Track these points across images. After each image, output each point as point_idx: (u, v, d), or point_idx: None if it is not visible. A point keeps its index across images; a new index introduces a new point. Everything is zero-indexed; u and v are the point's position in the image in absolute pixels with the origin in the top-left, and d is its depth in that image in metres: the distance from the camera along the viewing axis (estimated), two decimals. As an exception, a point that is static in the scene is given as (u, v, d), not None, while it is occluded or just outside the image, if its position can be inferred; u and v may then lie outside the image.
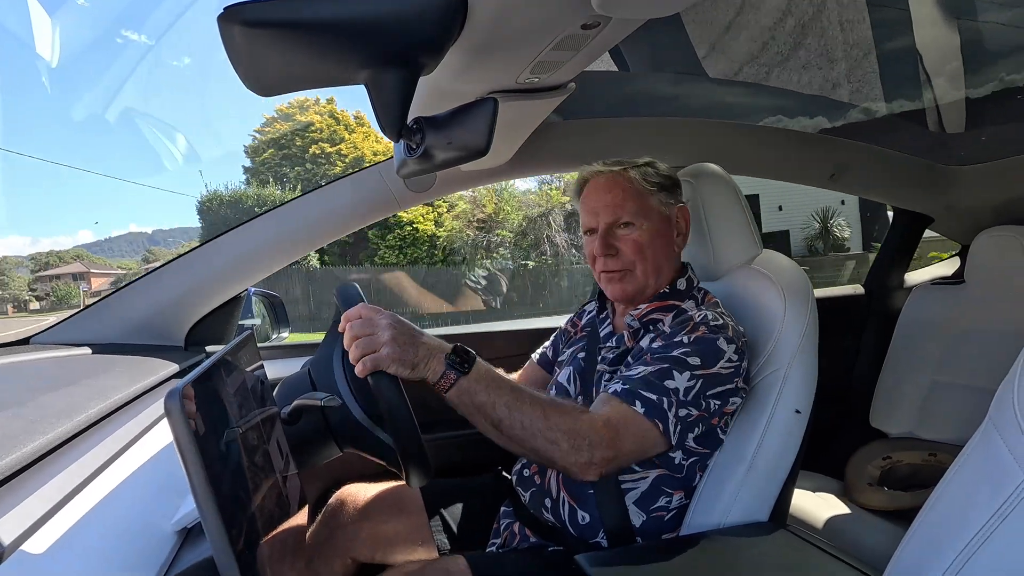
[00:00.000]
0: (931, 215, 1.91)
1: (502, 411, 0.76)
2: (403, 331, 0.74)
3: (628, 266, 0.97)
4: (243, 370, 0.71)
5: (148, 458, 0.82)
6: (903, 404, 1.76)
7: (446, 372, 0.75)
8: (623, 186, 0.97)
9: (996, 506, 0.49)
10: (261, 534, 0.59)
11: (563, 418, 0.78)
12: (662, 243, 0.98)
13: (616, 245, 0.97)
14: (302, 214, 1.30)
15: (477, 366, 0.77)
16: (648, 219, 0.97)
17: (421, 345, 0.74)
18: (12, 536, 0.51)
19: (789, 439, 0.93)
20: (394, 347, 0.72)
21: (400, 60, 0.62)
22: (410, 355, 0.73)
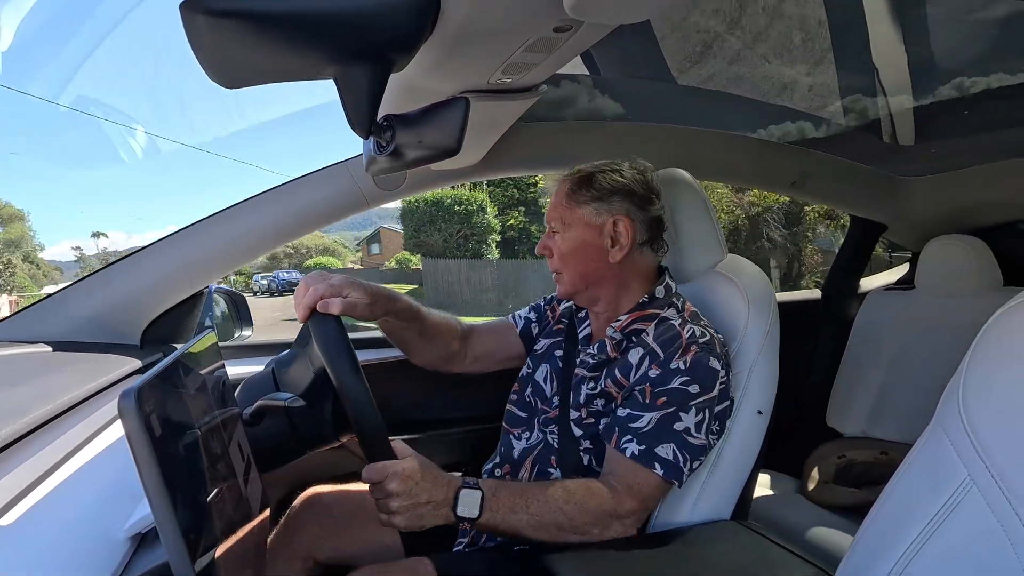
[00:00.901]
0: (885, 223, 1.99)
1: (527, 531, 0.82)
2: (407, 496, 0.78)
3: (557, 268, 1.03)
4: (203, 369, 0.69)
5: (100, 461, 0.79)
6: (857, 405, 1.82)
7: (459, 522, 0.81)
8: (559, 195, 1.02)
9: (942, 501, 0.52)
10: (220, 539, 0.57)
11: (584, 511, 0.83)
12: (589, 253, 0.98)
13: (550, 247, 1.03)
14: (267, 210, 1.27)
15: (486, 505, 0.81)
16: (572, 228, 1.00)
17: (426, 505, 0.79)
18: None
19: (751, 439, 0.96)
20: (401, 518, 0.78)
21: (370, 56, 0.61)
22: (416, 520, 0.79)
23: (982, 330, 0.54)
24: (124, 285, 1.22)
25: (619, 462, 0.87)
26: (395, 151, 0.72)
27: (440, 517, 0.80)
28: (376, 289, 0.94)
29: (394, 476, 0.78)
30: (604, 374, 0.95)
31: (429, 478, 0.80)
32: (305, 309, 0.84)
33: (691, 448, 0.86)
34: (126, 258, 1.23)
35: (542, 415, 1.04)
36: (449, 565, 0.85)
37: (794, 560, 0.78)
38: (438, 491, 0.80)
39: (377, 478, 0.78)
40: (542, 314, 1.18)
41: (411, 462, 0.80)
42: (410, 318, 1.04)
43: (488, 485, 0.83)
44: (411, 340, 1.09)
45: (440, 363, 1.15)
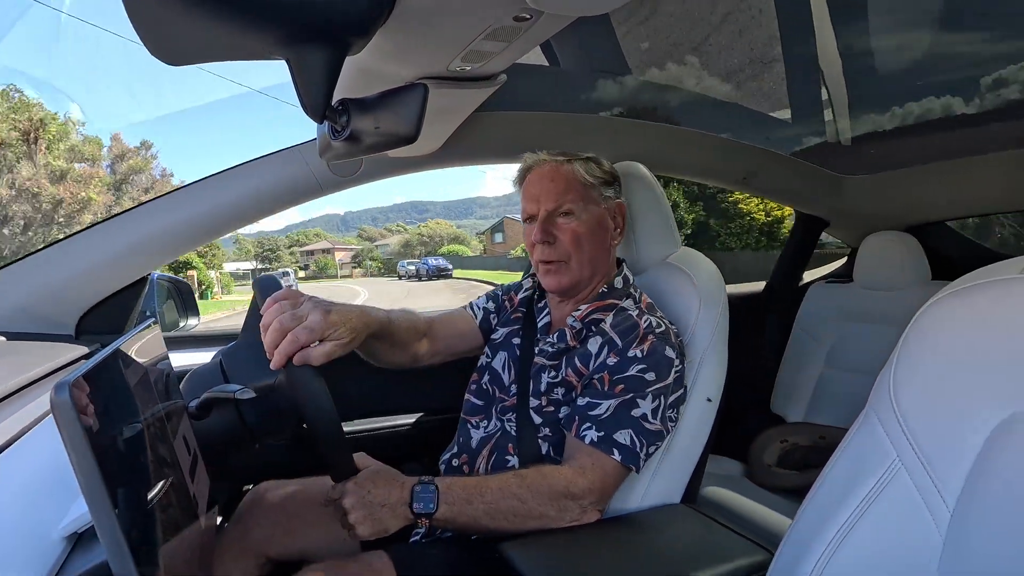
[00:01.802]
0: (827, 219, 2.09)
1: (485, 521, 0.82)
2: (361, 506, 0.79)
3: (564, 257, 0.98)
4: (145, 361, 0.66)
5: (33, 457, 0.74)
6: (799, 391, 1.92)
7: (416, 520, 0.81)
8: (567, 176, 0.99)
9: (874, 481, 0.55)
10: (164, 537, 0.55)
11: (537, 493, 0.84)
12: (599, 237, 1.00)
13: (555, 233, 0.98)
14: (215, 195, 1.21)
15: (441, 499, 0.81)
16: (588, 211, 0.99)
17: (381, 509, 0.79)
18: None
19: (701, 426, 0.99)
20: (363, 528, 0.78)
21: (324, 38, 0.59)
22: (379, 525, 0.79)
23: (911, 322, 0.58)
24: (56, 272, 1.14)
25: (578, 448, 0.89)
26: (350, 137, 0.70)
27: (400, 517, 0.80)
28: (353, 320, 0.84)
29: (349, 491, 0.79)
30: (564, 363, 0.97)
31: (381, 482, 0.81)
32: (281, 357, 0.75)
33: (648, 434, 0.88)
34: (59, 242, 1.16)
35: (500, 403, 1.04)
36: (406, 556, 0.85)
37: (740, 541, 0.82)
38: (392, 493, 0.80)
39: (334, 497, 0.81)
40: (500, 303, 1.18)
41: (364, 470, 0.82)
42: (383, 336, 0.97)
43: (442, 479, 0.83)
44: (380, 352, 1.02)
45: (404, 365, 1.09)
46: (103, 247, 1.16)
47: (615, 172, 1.06)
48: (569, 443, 0.91)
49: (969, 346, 0.53)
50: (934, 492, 0.52)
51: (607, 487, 0.88)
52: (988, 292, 0.53)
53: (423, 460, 1.22)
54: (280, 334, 0.75)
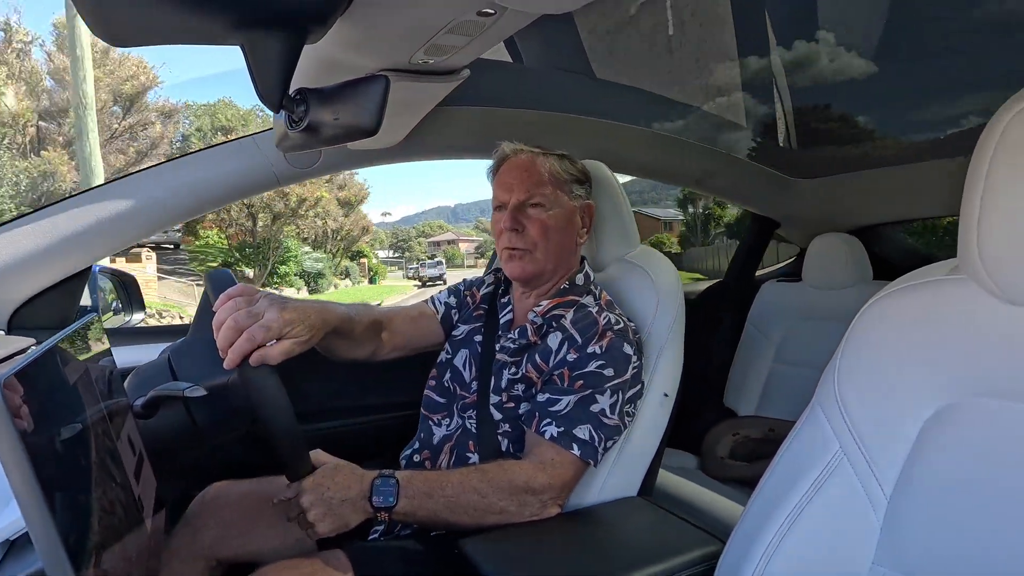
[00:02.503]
0: (778, 220, 2.17)
1: (445, 515, 0.82)
2: (320, 502, 0.78)
3: (530, 246, 0.99)
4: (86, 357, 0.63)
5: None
6: (750, 386, 1.99)
7: (376, 514, 0.80)
8: (542, 168, 1.00)
9: (817, 472, 0.58)
10: (105, 542, 0.52)
11: (498, 487, 0.84)
12: (566, 232, 1.02)
13: (523, 222, 0.99)
14: (164, 184, 1.16)
15: (401, 492, 0.80)
16: (558, 205, 1.00)
17: (341, 504, 0.78)
18: None
19: (657, 421, 1.01)
20: (323, 525, 0.77)
21: (282, 24, 0.57)
22: (339, 520, 0.78)
23: (853, 320, 0.61)
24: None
25: (538, 443, 0.89)
26: (309, 127, 0.68)
27: (360, 512, 0.79)
28: (311, 317, 0.81)
29: (303, 491, 0.78)
30: (525, 359, 0.97)
31: (340, 477, 0.80)
32: (236, 356, 0.72)
33: (606, 428, 0.89)
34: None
35: (460, 400, 1.04)
36: (363, 555, 0.84)
37: (694, 532, 0.84)
38: (352, 487, 0.79)
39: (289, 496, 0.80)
40: (462, 299, 1.17)
41: (321, 468, 0.81)
42: (343, 332, 0.95)
43: (402, 473, 0.83)
44: (340, 348, 1.00)
45: (362, 359, 1.08)
46: (41, 236, 1.10)
47: (587, 172, 1.08)
48: (529, 439, 0.92)
49: (905, 343, 0.56)
50: (873, 480, 0.55)
51: (567, 482, 0.89)
52: (922, 292, 0.57)
53: (384, 456, 1.20)
54: (235, 332, 0.72)
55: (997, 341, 0.51)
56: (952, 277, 0.55)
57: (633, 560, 0.77)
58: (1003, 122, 0.49)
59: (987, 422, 0.50)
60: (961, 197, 0.52)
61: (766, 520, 0.60)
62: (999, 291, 0.51)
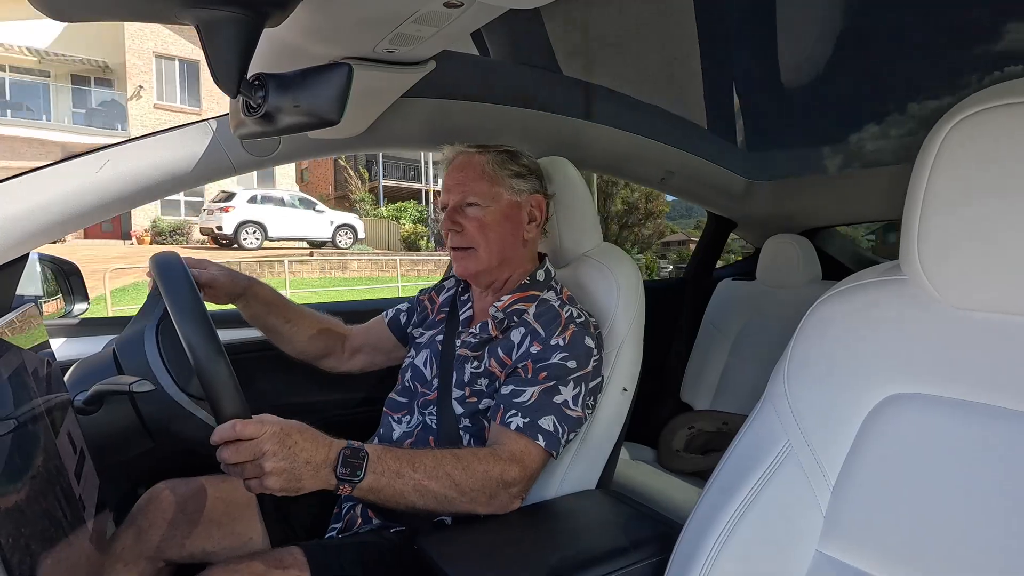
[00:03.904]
0: (735, 220, 2.24)
1: (412, 497, 0.79)
2: (284, 454, 0.71)
3: (471, 243, 1.01)
4: (22, 349, 0.59)
5: None
6: (706, 381, 2.05)
7: (340, 485, 0.74)
8: (476, 168, 1.01)
9: (768, 462, 0.60)
10: (43, 544, 0.50)
11: (472, 476, 0.82)
12: (508, 228, 1.02)
13: (461, 222, 1.01)
14: (111, 168, 1.10)
15: (371, 467, 0.76)
16: (495, 202, 1.01)
17: (305, 465, 0.72)
18: None
19: (616, 415, 1.03)
20: (276, 479, 0.70)
21: (240, 5, 0.55)
22: (294, 482, 0.71)
23: (803, 319, 0.63)
24: None
25: (503, 434, 0.89)
26: (267, 115, 0.66)
27: (319, 480, 0.73)
28: (234, 270, 1.00)
29: (271, 435, 0.70)
30: (487, 353, 0.97)
31: (309, 437, 0.74)
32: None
33: (569, 420, 0.90)
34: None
35: (421, 398, 1.03)
36: (320, 553, 0.82)
37: (650, 522, 0.87)
38: (319, 451, 0.73)
39: (249, 434, 0.70)
40: (415, 305, 1.20)
41: (285, 420, 0.74)
42: (270, 303, 1.08)
43: (373, 448, 0.78)
44: (277, 328, 1.13)
45: (314, 356, 1.18)
46: None
47: (534, 165, 1.08)
48: (494, 431, 0.92)
49: (849, 340, 0.59)
50: (817, 470, 0.58)
51: (534, 474, 0.89)
52: (865, 292, 0.60)
53: None
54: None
55: (933, 339, 0.54)
56: (894, 278, 0.58)
57: (594, 552, 0.78)
58: (944, 131, 0.52)
59: (922, 415, 0.54)
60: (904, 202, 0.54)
61: (719, 509, 0.62)
62: (936, 292, 0.54)
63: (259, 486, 0.71)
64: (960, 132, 0.51)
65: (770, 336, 1.93)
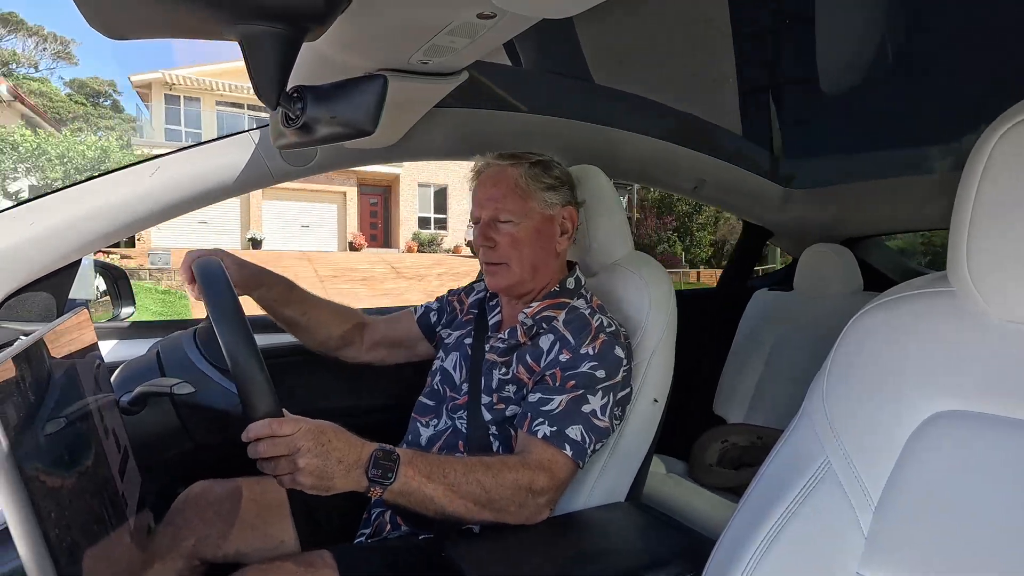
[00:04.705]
0: (771, 229, 2.18)
1: (442, 502, 0.78)
2: (317, 451, 0.71)
3: (504, 259, 1.00)
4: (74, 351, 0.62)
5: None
6: (740, 394, 2.00)
7: (370, 487, 0.75)
8: (508, 182, 1.00)
9: (804, 481, 0.58)
10: (87, 538, 0.52)
11: (501, 484, 0.81)
12: (541, 242, 1.01)
13: (495, 238, 1.00)
14: (158, 177, 1.15)
15: (402, 470, 0.76)
16: (528, 217, 1.00)
17: (337, 464, 0.73)
18: None
19: (647, 426, 1.02)
20: (308, 476, 0.71)
21: (281, 20, 0.57)
22: (325, 480, 0.72)
23: (843, 331, 0.61)
24: None
25: (531, 443, 0.88)
26: (305, 125, 0.68)
27: (351, 480, 0.73)
28: (246, 261, 1.02)
29: (306, 432, 0.71)
30: (515, 359, 0.97)
31: (342, 437, 0.75)
32: (185, 269, 0.91)
33: (596, 430, 0.89)
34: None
35: (451, 402, 1.04)
36: (348, 557, 0.83)
37: (681, 537, 0.85)
38: (352, 451, 0.74)
39: (285, 431, 0.70)
40: (444, 305, 1.20)
41: (319, 421, 0.75)
42: (286, 294, 1.10)
43: (405, 452, 0.79)
44: (295, 320, 1.13)
45: (333, 347, 1.18)
46: (29, 228, 1.08)
47: (566, 176, 1.07)
48: (522, 439, 0.91)
49: (893, 354, 0.56)
50: (859, 489, 0.55)
51: (562, 483, 0.88)
52: (910, 304, 0.57)
53: None
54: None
55: (983, 354, 0.52)
56: (940, 289, 0.56)
57: (623, 565, 0.77)
58: (994, 138, 0.49)
59: (971, 433, 0.51)
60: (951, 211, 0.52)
61: (753, 527, 0.60)
62: (986, 304, 0.51)
63: (291, 482, 0.71)
64: (1011, 139, 0.48)
65: (807, 348, 1.87)
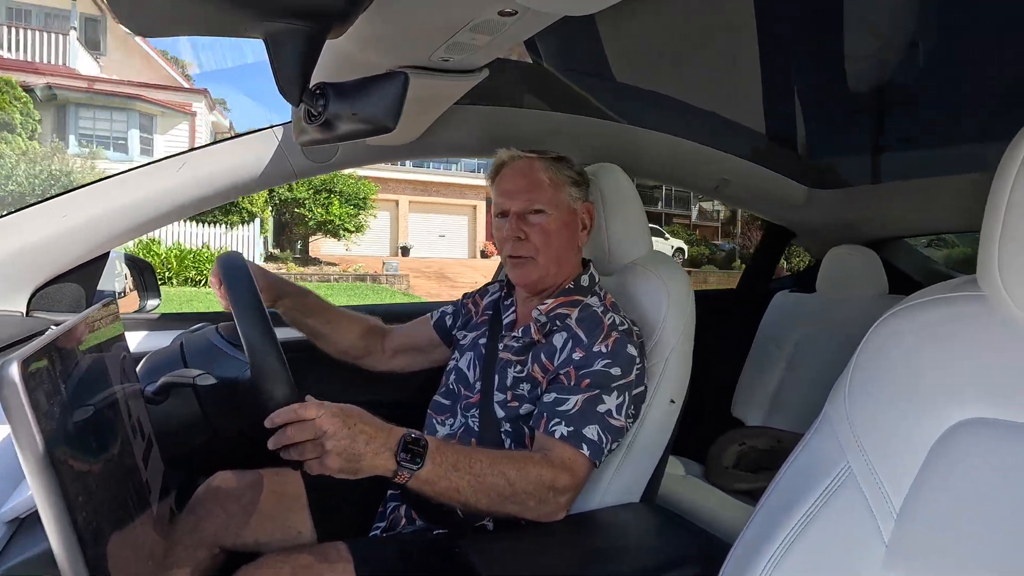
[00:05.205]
0: (794, 230, 2.15)
1: (466, 492, 0.78)
2: (344, 434, 0.71)
3: (532, 253, 1.00)
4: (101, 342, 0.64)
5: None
6: (759, 396, 1.97)
7: (398, 471, 0.74)
8: (539, 174, 1.01)
9: (823, 487, 0.57)
10: (113, 524, 0.53)
11: (526, 478, 0.82)
12: (567, 235, 1.02)
13: (526, 230, 1.00)
14: (183, 173, 1.18)
15: (430, 456, 0.76)
16: (558, 209, 1.01)
17: (366, 446, 0.72)
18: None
19: (663, 427, 1.01)
20: (336, 459, 0.70)
21: (304, 18, 0.58)
22: (353, 462, 0.71)
23: (867, 334, 0.60)
24: (5, 244, 1.09)
25: (549, 443, 0.88)
26: (327, 122, 0.69)
27: (379, 463, 0.72)
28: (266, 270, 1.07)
29: (331, 415, 0.71)
30: (530, 358, 0.97)
31: (369, 420, 0.74)
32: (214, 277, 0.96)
33: (612, 429, 0.89)
34: (9, 215, 1.10)
35: (464, 400, 1.04)
36: (363, 549, 0.84)
37: (696, 540, 0.84)
38: (379, 434, 0.73)
39: (311, 415, 0.70)
40: (459, 308, 1.21)
41: (342, 404, 0.74)
42: (308, 304, 1.15)
43: (432, 439, 0.78)
44: (318, 329, 1.17)
45: (356, 355, 1.21)
46: (60, 221, 1.12)
47: (584, 173, 1.08)
48: (539, 439, 0.91)
49: (918, 359, 0.55)
50: (880, 497, 0.54)
51: (581, 483, 0.88)
52: (938, 307, 0.56)
53: None
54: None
55: (1013, 360, 0.50)
56: (969, 294, 0.54)
57: (636, 566, 0.77)
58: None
59: (999, 442, 0.50)
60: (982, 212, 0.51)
61: (770, 531, 0.59)
62: (1018, 309, 0.50)
63: (319, 466, 0.71)
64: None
65: (829, 351, 1.84)
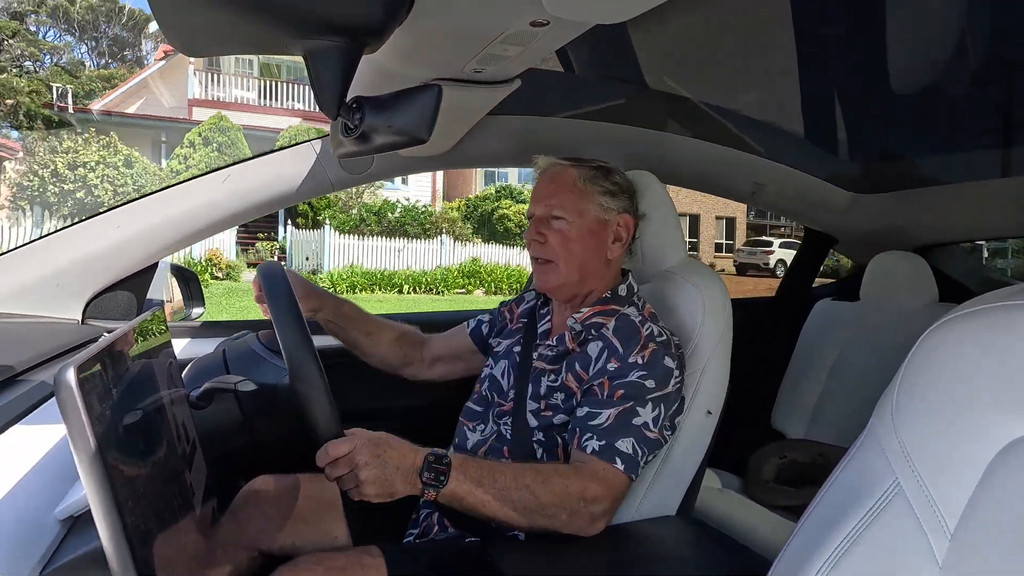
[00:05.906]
0: (836, 236, 2.08)
1: (493, 507, 0.80)
2: (375, 463, 0.76)
3: (552, 256, 1.00)
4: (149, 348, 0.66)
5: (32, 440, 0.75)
6: (800, 408, 1.91)
7: (424, 489, 0.78)
8: (566, 181, 1.01)
9: (872, 502, 0.55)
10: (160, 525, 0.55)
11: (551, 490, 0.82)
12: (591, 244, 1.01)
13: (545, 233, 1.01)
14: (226, 186, 1.22)
15: (453, 474, 0.79)
16: (581, 217, 1.00)
17: (396, 471, 0.77)
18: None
19: (699, 438, 0.98)
20: (371, 487, 0.76)
21: (342, 35, 0.60)
22: (388, 487, 0.77)
23: (916, 344, 0.57)
24: (63, 255, 1.15)
25: (582, 458, 0.88)
26: (363, 135, 0.71)
27: (409, 484, 0.78)
28: (309, 285, 1.09)
29: (363, 447, 0.76)
30: (564, 367, 0.97)
31: (396, 445, 0.79)
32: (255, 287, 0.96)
33: (648, 442, 0.88)
34: (69, 227, 1.17)
35: (497, 408, 1.04)
36: (396, 553, 0.85)
37: (734, 556, 0.81)
38: (407, 457, 0.78)
39: (342, 452, 0.76)
40: (496, 316, 1.22)
41: (374, 433, 0.79)
42: (350, 317, 1.16)
43: (456, 455, 0.82)
44: (358, 340, 1.19)
45: (395, 365, 1.23)
46: (113, 233, 1.17)
47: (627, 184, 1.06)
48: (573, 456, 0.90)
49: (973, 370, 0.52)
50: (933, 515, 0.52)
51: (618, 496, 0.87)
52: (993, 317, 0.53)
53: None
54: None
55: None
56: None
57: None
58: None
59: None
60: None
61: (814, 549, 0.57)
62: None
63: (358, 494, 0.76)
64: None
65: (874, 362, 1.76)
